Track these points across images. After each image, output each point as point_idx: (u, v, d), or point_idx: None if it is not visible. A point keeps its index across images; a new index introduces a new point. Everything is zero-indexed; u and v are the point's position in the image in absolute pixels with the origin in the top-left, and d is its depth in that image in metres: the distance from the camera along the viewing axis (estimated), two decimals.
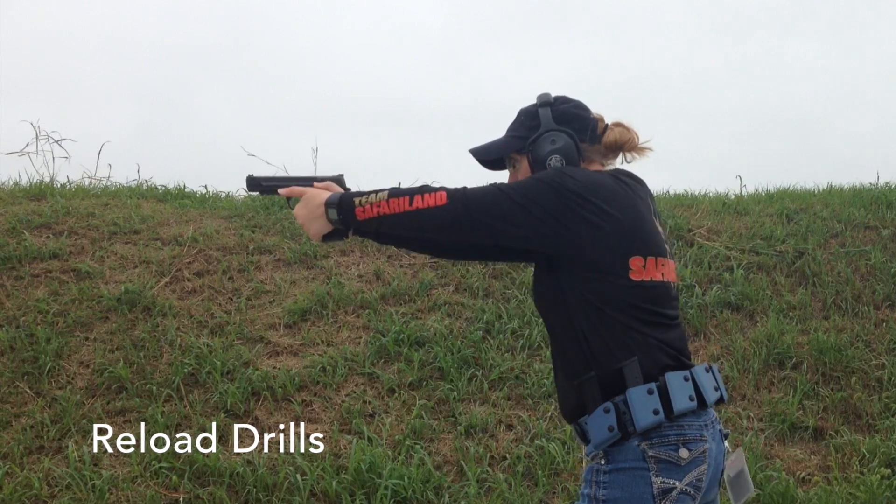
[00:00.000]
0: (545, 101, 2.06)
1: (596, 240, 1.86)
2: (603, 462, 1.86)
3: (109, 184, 6.92)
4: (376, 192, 1.96)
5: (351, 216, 1.99)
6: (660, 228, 2.03)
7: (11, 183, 6.68)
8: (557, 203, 1.86)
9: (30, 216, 5.74)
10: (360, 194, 1.99)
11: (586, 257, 1.87)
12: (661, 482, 1.81)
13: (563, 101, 2.08)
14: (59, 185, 6.64)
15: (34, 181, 6.68)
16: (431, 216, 1.89)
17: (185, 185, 6.85)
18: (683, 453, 1.83)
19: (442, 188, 1.91)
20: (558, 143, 2.00)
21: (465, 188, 1.92)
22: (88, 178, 6.98)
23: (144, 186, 6.85)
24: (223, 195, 6.82)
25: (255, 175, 2.27)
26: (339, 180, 2.22)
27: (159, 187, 6.81)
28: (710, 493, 1.93)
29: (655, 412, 1.82)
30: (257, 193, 2.32)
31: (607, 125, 2.08)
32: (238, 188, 6.88)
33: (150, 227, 5.78)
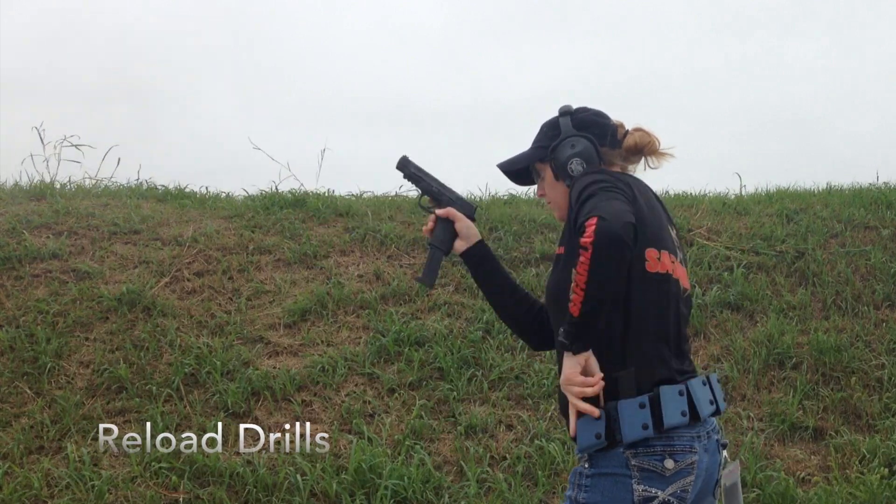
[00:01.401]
0: (565, 111, 2.11)
1: None
2: (587, 465, 1.87)
3: (110, 184, 6.92)
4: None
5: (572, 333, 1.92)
6: (674, 234, 2.05)
7: (11, 183, 6.70)
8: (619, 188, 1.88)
9: (30, 216, 5.74)
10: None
11: None
12: (643, 490, 1.81)
13: (582, 110, 2.13)
14: (59, 186, 6.65)
15: (34, 181, 6.69)
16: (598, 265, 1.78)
17: (185, 186, 6.86)
18: (669, 464, 1.83)
19: (586, 241, 1.76)
20: (578, 147, 2.03)
21: (596, 220, 1.77)
22: (89, 178, 6.99)
23: (144, 186, 6.85)
24: (223, 195, 6.82)
25: (409, 158, 2.30)
26: (468, 210, 2.26)
27: (159, 187, 6.82)
28: (701, 503, 1.93)
29: (644, 427, 1.82)
30: (402, 175, 2.33)
31: (627, 130, 2.11)
32: (238, 188, 6.90)
33: (150, 227, 5.78)
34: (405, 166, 2.30)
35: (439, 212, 2.24)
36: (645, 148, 2.09)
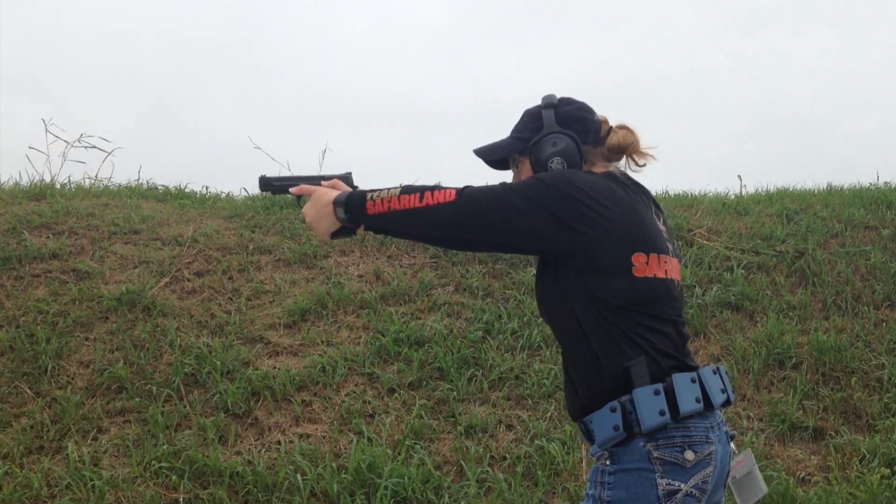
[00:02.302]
0: (549, 103, 2.07)
1: (599, 238, 1.86)
2: (608, 463, 1.86)
3: (110, 184, 6.93)
4: (388, 188, 1.98)
5: (361, 211, 2.01)
6: (662, 227, 2.03)
7: (11, 183, 6.70)
8: (561, 203, 1.86)
9: (30, 216, 5.74)
10: (373, 191, 2.01)
11: (590, 257, 1.87)
12: (667, 484, 1.81)
13: (567, 102, 2.08)
14: (59, 186, 6.65)
15: (34, 181, 6.69)
16: (441, 213, 1.92)
17: (185, 186, 6.87)
18: (689, 455, 1.83)
19: (452, 187, 1.93)
20: (559, 146, 2.00)
21: (472, 187, 1.93)
22: (88, 178, 7.00)
23: (145, 186, 6.85)
24: (223, 195, 6.83)
25: (267, 175, 2.29)
26: (346, 178, 2.24)
27: (159, 187, 6.82)
28: (715, 496, 1.93)
29: (661, 413, 1.82)
30: (268, 193, 2.34)
31: (611, 127, 2.08)
32: (239, 188, 6.91)
33: (150, 227, 5.78)
34: (268, 183, 2.26)
35: (293, 190, 2.20)
36: (628, 148, 2.06)
